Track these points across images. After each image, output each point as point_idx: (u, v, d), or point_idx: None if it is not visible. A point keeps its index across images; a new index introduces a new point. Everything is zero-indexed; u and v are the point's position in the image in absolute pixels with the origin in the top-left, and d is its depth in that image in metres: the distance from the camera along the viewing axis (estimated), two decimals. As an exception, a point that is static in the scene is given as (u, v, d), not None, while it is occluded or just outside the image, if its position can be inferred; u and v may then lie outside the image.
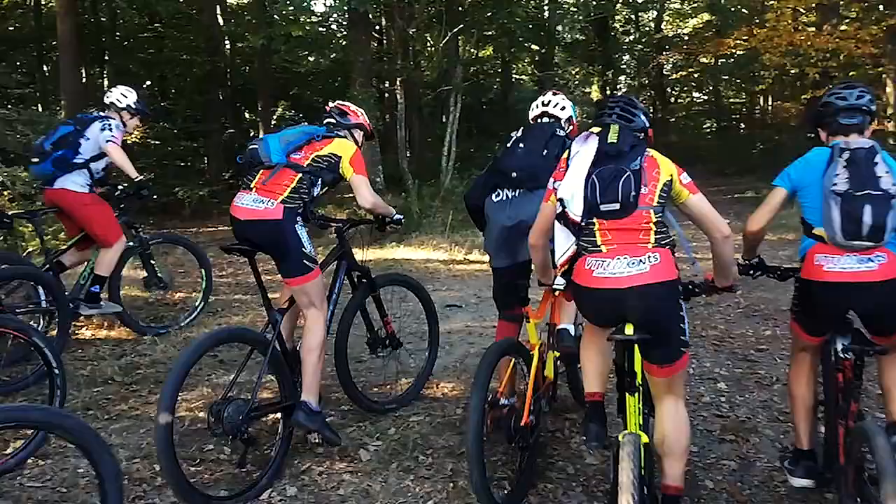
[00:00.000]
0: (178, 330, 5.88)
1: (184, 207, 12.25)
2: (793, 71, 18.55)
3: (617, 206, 2.68)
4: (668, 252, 2.73)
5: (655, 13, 29.68)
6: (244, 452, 3.47)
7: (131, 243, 5.76)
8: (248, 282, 7.65)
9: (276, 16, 15.25)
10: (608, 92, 27.98)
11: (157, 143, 16.38)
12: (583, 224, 2.76)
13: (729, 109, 29.92)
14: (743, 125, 28.97)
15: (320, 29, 19.72)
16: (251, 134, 19.98)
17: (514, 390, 3.73)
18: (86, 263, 5.59)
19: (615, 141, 2.76)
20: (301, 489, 3.41)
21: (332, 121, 4.07)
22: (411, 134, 18.18)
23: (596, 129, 2.88)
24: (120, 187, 5.77)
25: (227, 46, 19.02)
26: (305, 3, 15.87)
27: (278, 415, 3.67)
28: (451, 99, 13.84)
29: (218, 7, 17.75)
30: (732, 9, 21.27)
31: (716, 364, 5.10)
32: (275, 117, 19.71)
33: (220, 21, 17.82)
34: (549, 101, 4.04)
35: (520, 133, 3.91)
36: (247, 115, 21.67)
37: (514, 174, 3.69)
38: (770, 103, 25.60)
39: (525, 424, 3.30)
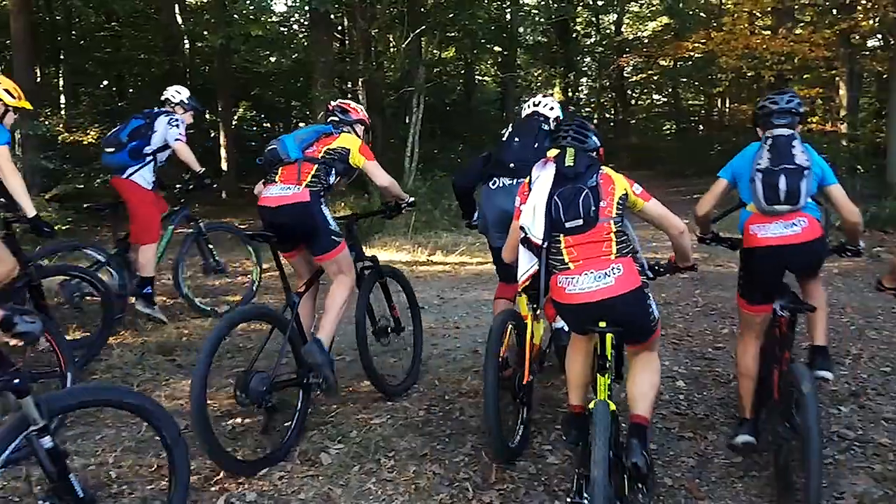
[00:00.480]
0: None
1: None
2: (749, 74, 18.94)
3: (580, 221, 2.98)
4: (630, 261, 2.99)
5: (615, 16, 30.08)
6: (267, 420, 3.82)
7: (191, 230, 6.46)
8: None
9: (235, 15, 15.10)
10: (570, 94, 28.28)
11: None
12: (548, 244, 3.02)
13: (687, 111, 30.50)
14: (701, 127, 29.53)
15: (281, 29, 19.60)
16: (211, 134, 19.73)
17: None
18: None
19: (572, 164, 3.07)
20: (261, 494, 3.36)
21: (336, 118, 4.43)
22: (374, 135, 18.04)
23: (552, 154, 3.18)
24: (178, 186, 6.44)
25: (186, 46, 18.75)
26: (265, 3, 15.76)
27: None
28: (414, 100, 13.82)
29: (176, 6, 17.48)
30: (690, 12, 21.61)
31: (674, 362, 5.17)
32: (235, 118, 19.48)
33: (179, 20, 17.56)
34: (540, 102, 4.54)
35: (512, 129, 4.43)
36: (207, 116, 21.36)
37: (511, 165, 4.21)
38: (727, 105, 26.12)
39: (527, 382, 3.78)
